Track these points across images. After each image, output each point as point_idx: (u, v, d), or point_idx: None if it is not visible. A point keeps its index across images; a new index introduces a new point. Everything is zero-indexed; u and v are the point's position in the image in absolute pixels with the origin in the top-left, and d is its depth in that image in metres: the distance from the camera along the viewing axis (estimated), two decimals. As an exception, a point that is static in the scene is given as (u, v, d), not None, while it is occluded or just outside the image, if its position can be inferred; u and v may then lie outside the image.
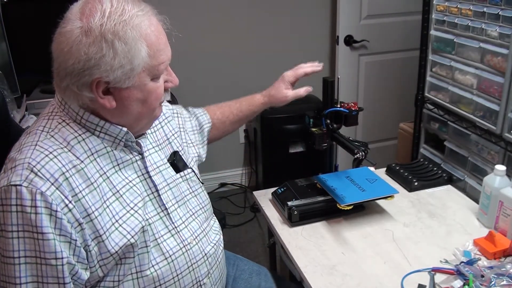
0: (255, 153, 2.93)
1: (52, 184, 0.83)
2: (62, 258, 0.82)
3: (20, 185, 0.81)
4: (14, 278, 0.81)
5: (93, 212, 0.87)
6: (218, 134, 1.38)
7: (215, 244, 1.09)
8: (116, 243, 0.89)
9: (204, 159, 1.29)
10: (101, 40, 0.82)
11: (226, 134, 1.41)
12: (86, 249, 0.87)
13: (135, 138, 0.98)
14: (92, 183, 0.89)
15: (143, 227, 0.93)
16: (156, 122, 1.12)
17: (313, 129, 1.39)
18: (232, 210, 2.83)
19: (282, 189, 1.44)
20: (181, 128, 1.21)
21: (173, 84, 0.98)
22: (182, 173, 1.08)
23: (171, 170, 1.06)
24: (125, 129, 0.93)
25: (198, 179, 1.14)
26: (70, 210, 0.84)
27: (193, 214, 1.07)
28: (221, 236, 1.16)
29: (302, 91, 1.32)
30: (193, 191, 1.10)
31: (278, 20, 2.80)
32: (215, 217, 1.19)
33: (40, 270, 0.82)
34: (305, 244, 1.25)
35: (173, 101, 2.20)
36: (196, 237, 1.04)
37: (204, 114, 1.34)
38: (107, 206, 0.90)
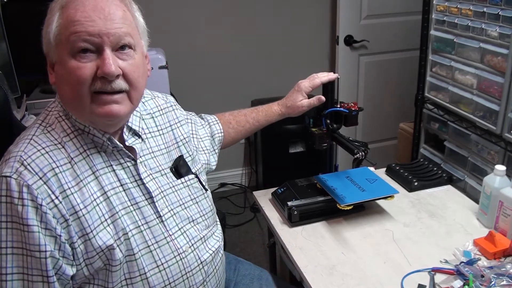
0: (255, 153, 2.93)
1: (40, 178, 0.84)
2: (45, 251, 0.83)
3: (10, 176, 0.83)
4: (1, 268, 0.82)
5: (81, 209, 0.87)
6: (230, 142, 1.37)
7: (213, 251, 1.07)
8: (104, 242, 0.89)
9: (214, 168, 1.28)
10: (47, 13, 0.89)
11: (238, 142, 1.40)
12: (71, 246, 0.87)
13: (129, 143, 0.98)
14: (81, 180, 0.89)
15: (127, 233, 0.92)
16: (167, 124, 1.11)
17: (313, 129, 1.39)
18: (232, 210, 2.83)
19: (282, 189, 1.44)
20: (193, 134, 1.21)
21: (101, 71, 0.84)
22: (183, 179, 1.07)
23: (170, 176, 1.05)
24: (107, 135, 0.93)
25: (203, 185, 1.12)
26: (56, 205, 0.85)
27: (193, 221, 1.05)
28: (222, 243, 1.13)
29: (315, 100, 1.32)
30: (194, 198, 1.08)
31: (278, 20, 2.80)
32: (219, 225, 1.16)
33: (25, 262, 0.83)
34: (305, 244, 1.25)
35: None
36: (192, 245, 1.02)
37: (217, 123, 1.32)
38: (97, 204, 0.90)
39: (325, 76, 1.32)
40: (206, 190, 1.12)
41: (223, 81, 2.82)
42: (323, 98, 1.31)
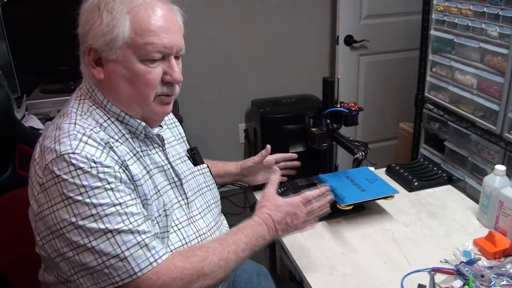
0: (255, 153, 2.92)
1: (102, 150, 0.87)
2: (135, 198, 0.88)
3: (73, 152, 0.83)
4: (105, 229, 0.82)
5: (139, 179, 0.91)
6: None
7: None
8: (153, 213, 0.93)
9: None
10: (96, 9, 0.89)
11: None
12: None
13: (156, 131, 1.03)
14: (132, 157, 0.93)
15: (166, 210, 0.97)
16: (172, 120, 1.18)
17: (313, 129, 1.39)
18: (232, 210, 2.82)
19: (282, 189, 1.44)
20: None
21: (172, 79, 0.94)
22: (199, 167, 1.14)
23: (188, 163, 1.12)
24: (143, 123, 0.96)
25: (212, 176, 1.19)
26: (124, 171, 0.88)
27: (209, 206, 1.11)
28: None
29: (262, 151, 1.44)
30: (208, 185, 1.15)
31: (278, 20, 2.80)
32: (223, 216, 1.22)
33: (124, 215, 0.84)
34: (305, 244, 1.25)
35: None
36: (210, 229, 1.07)
37: None
38: (147, 180, 0.94)
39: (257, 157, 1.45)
40: (214, 180, 1.20)
41: (223, 81, 2.82)
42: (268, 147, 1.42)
